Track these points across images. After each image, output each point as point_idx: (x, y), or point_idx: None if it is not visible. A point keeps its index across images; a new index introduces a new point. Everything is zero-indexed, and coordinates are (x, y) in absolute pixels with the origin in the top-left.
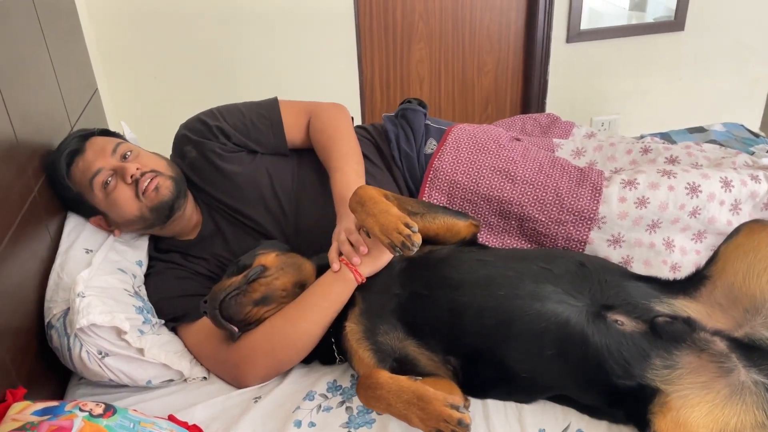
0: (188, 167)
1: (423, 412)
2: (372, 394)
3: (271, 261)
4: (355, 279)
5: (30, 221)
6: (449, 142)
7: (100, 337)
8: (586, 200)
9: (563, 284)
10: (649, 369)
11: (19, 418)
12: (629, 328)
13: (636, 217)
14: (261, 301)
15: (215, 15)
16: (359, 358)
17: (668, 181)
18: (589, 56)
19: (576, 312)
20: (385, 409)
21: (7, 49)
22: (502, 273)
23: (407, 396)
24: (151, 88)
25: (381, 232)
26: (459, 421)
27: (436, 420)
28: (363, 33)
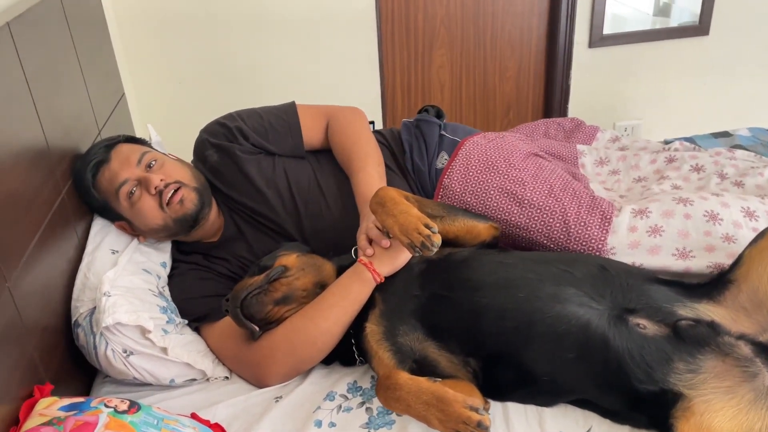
0: (209, 171)
1: (442, 413)
2: (391, 395)
3: (292, 262)
4: (373, 279)
5: (58, 222)
6: (459, 158)
7: (125, 336)
8: (595, 229)
9: (584, 287)
10: (671, 373)
11: (47, 413)
12: (651, 331)
13: (651, 247)
14: (282, 300)
15: (239, 21)
16: (379, 359)
17: (684, 209)
18: (612, 61)
19: (597, 315)
20: (405, 410)
21: (39, 55)
22: (522, 275)
23: (426, 397)
24: (175, 92)
25: (401, 232)
26: (479, 423)
27: (456, 422)
28: (384, 38)
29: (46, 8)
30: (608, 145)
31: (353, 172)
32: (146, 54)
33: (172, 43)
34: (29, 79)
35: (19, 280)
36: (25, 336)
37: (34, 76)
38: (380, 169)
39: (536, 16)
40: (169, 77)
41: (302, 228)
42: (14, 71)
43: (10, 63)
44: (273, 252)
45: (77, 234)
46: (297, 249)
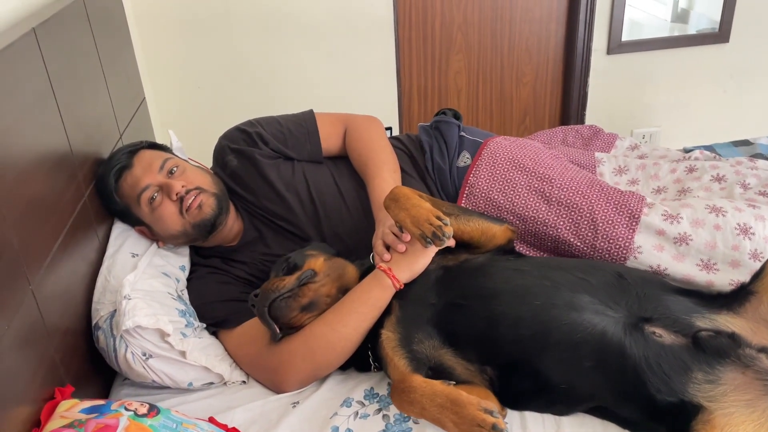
0: (229, 176)
1: (457, 416)
2: (406, 398)
3: (320, 266)
4: (393, 285)
5: (80, 226)
6: (484, 157)
7: (144, 339)
8: (622, 228)
9: (600, 295)
10: (690, 383)
11: (68, 416)
12: (668, 340)
13: (675, 254)
14: (307, 307)
15: (258, 27)
16: (394, 366)
17: (715, 220)
18: (631, 68)
19: (613, 323)
20: (419, 413)
21: (63, 60)
22: (539, 282)
23: (441, 400)
24: (194, 97)
25: (412, 224)
26: (493, 425)
27: (470, 424)
28: (402, 44)
29: (71, 14)
30: (627, 153)
31: (369, 178)
32: (166, 60)
33: (191, 49)
34: (53, 83)
35: (42, 283)
36: (46, 338)
37: (58, 81)
38: (396, 176)
39: (554, 22)
40: (188, 83)
41: (322, 231)
42: (39, 75)
43: (35, 67)
44: (301, 249)
45: (98, 237)
46: (324, 251)
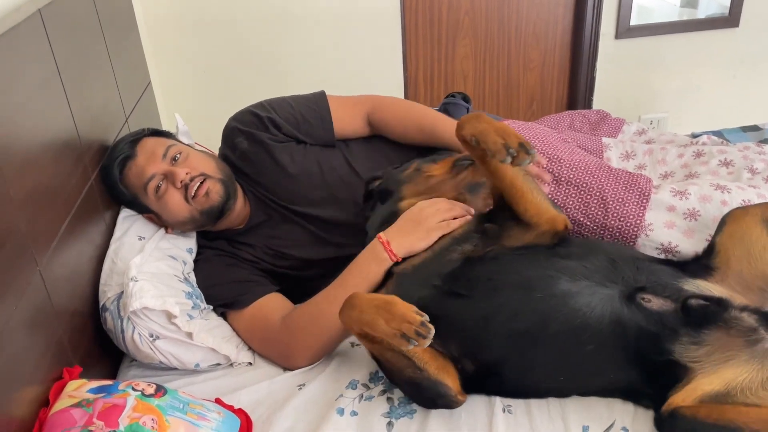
0: (239, 158)
1: (389, 313)
2: (348, 303)
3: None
4: (389, 258)
5: (87, 209)
6: None
7: (151, 320)
8: (633, 206)
9: (596, 277)
10: (677, 344)
11: (76, 395)
12: (657, 305)
13: (686, 229)
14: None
15: (263, 10)
16: None
17: (721, 196)
18: (639, 53)
19: (609, 299)
20: (357, 317)
21: (69, 43)
22: (543, 274)
23: (377, 302)
24: (200, 81)
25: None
26: (422, 323)
27: (400, 320)
28: (408, 28)
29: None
30: (634, 138)
31: (432, 127)
32: (171, 44)
33: (197, 33)
34: (59, 65)
35: (50, 265)
36: (54, 319)
37: (64, 63)
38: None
39: (562, 6)
40: (194, 67)
41: (336, 214)
42: (45, 58)
43: (41, 49)
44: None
45: (105, 221)
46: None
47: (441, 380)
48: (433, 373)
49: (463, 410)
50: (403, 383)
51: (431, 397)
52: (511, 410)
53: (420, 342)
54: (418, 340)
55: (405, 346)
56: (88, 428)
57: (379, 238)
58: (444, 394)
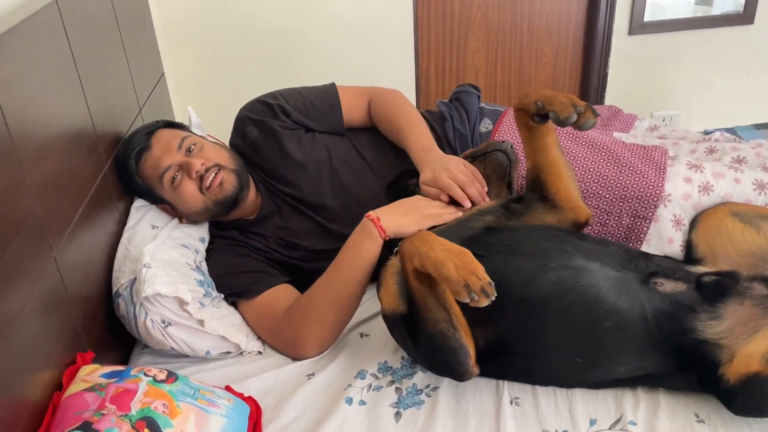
0: (249, 147)
1: (461, 261)
2: (419, 237)
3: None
4: (379, 234)
5: (100, 197)
6: (506, 122)
7: (164, 307)
8: (652, 176)
9: (611, 263)
10: (696, 321)
11: (89, 380)
12: (671, 287)
13: (696, 203)
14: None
15: (277, 5)
16: (386, 288)
17: (734, 174)
18: (652, 49)
19: (624, 280)
20: (425, 252)
21: (85, 32)
22: (559, 246)
23: (450, 247)
24: (212, 73)
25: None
26: (489, 282)
27: (469, 272)
28: (420, 22)
29: None
30: (646, 134)
31: (403, 131)
32: (184, 35)
33: (209, 25)
34: (75, 55)
35: (64, 251)
36: (68, 304)
37: (80, 53)
38: (426, 128)
39: (575, 1)
40: (206, 59)
41: (345, 201)
42: (62, 47)
43: (58, 39)
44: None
45: (118, 210)
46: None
47: (466, 346)
48: (463, 336)
49: (470, 401)
50: (428, 337)
51: (449, 361)
52: (519, 402)
53: (480, 299)
54: (480, 296)
55: (464, 297)
56: (100, 412)
57: (368, 215)
58: (463, 361)
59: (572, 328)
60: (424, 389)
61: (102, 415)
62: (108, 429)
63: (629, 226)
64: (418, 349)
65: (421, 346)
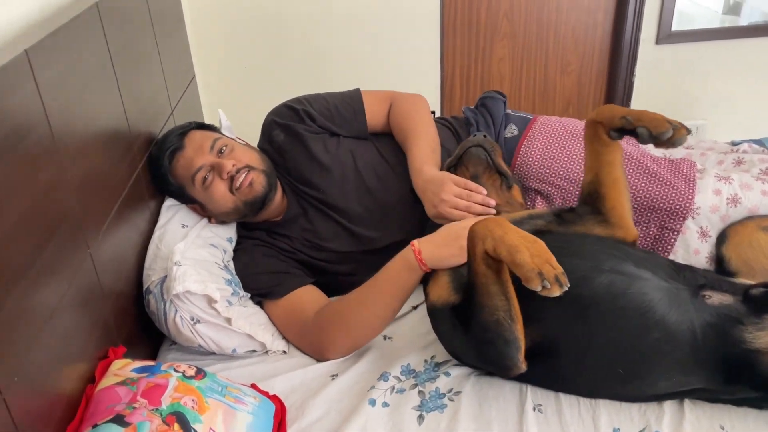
0: (276, 151)
1: (536, 249)
2: (494, 221)
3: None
4: (419, 267)
5: (133, 196)
6: (536, 128)
7: (193, 304)
8: (682, 188)
9: (660, 273)
10: (745, 332)
11: (121, 374)
12: (717, 300)
13: (724, 215)
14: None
15: (305, 9)
16: (437, 280)
17: (762, 186)
18: (680, 59)
19: (675, 292)
20: (499, 236)
21: (123, 35)
22: (608, 252)
23: (525, 234)
24: (240, 77)
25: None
26: (563, 272)
27: (543, 261)
28: (447, 29)
29: None
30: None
31: (408, 147)
32: (214, 39)
33: (238, 29)
34: (113, 57)
35: (99, 248)
36: (102, 300)
37: (117, 55)
38: (435, 146)
39: (602, 10)
40: (235, 63)
41: (367, 203)
42: (101, 49)
43: (97, 41)
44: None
45: (149, 208)
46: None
47: (519, 340)
48: (518, 329)
49: (493, 406)
50: (483, 325)
51: (499, 353)
52: (542, 409)
53: (552, 288)
54: (553, 285)
55: (536, 284)
56: (132, 405)
57: (413, 245)
58: (513, 355)
59: (619, 335)
60: (447, 393)
61: (134, 409)
62: (140, 422)
63: (656, 237)
64: (468, 338)
65: (472, 335)
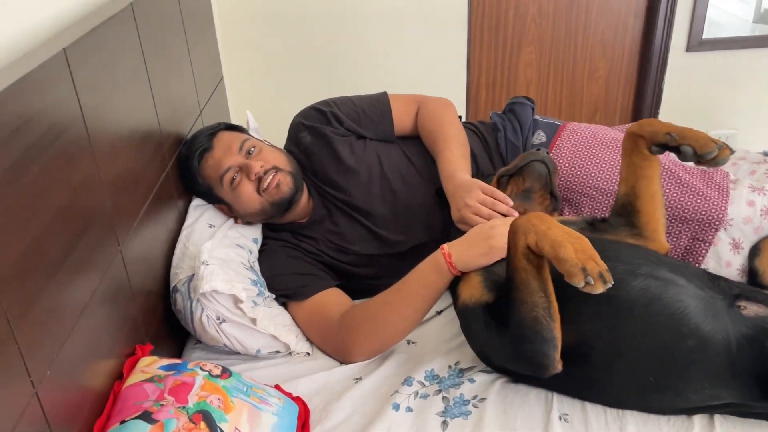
0: (302, 153)
1: (580, 245)
2: (537, 217)
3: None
4: (449, 270)
5: (163, 196)
6: (565, 136)
7: (219, 304)
8: (715, 198)
9: (696, 281)
10: None
11: (148, 371)
12: (752, 311)
13: (757, 226)
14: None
15: (332, 12)
16: (468, 280)
17: None
18: (710, 67)
19: (711, 301)
20: (543, 231)
21: (156, 36)
22: (644, 256)
23: (569, 230)
24: (268, 79)
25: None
26: (607, 269)
27: (588, 257)
28: (474, 33)
29: None
30: None
31: (437, 153)
32: (242, 42)
33: (266, 31)
34: (146, 58)
35: (129, 245)
36: (131, 297)
37: (150, 56)
38: (464, 150)
39: (632, 16)
40: (262, 65)
41: (394, 207)
42: (134, 50)
43: (131, 42)
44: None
45: (178, 208)
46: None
47: (557, 339)
48: (556, 328)
49: (518, 414)
50: (521, 322)
51: (537, 351)
52: (568, 418)
53: (596, 285)
54: (597, 282)
55: (579, 280)
56: (159, 402)
57: (442, 248)
58: (551, 354)
59: (653, 341)
60: (472, 400)
61: (161, 406)
62: (167, 420)
63: (687, 248)
64: (503, 336)
65: (508, 333)
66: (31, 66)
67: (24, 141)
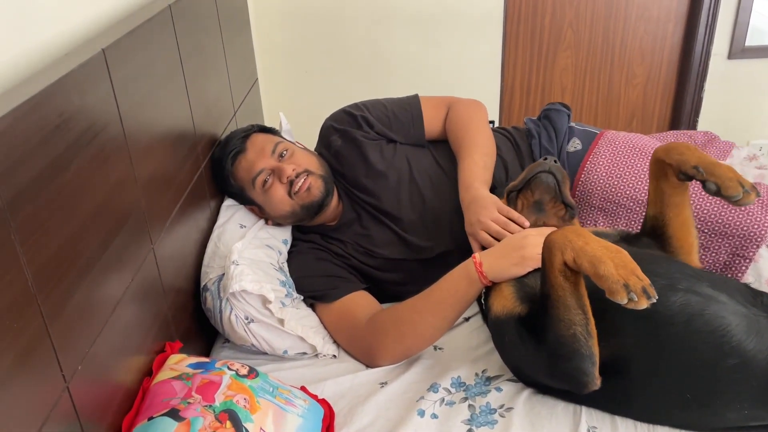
0: (333, 156)
1: (620, 260)
2: (573, 231)
3: None
4: (479, 279)
5: (195, 195)
6: (602, 145)
7: (248, 304)
8: (758, 214)
9: (737, 296)
10: None
11: (177, 368)
12: None
13: None
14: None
15: (367, 16)
16: (499, 291)
17: None
18: (753, 75)
19: (754, 318)
20: (580, 246)
21: (192, 37)
22: (683, 270)
23: (607, 244)
24: (302, 81)
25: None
26: (650, 284)
27: (629, 272)
28: (509, 37)
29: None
30: (744, 163)
31: (460, 159)
32: (277, 44)
33: (300, 33)
34: (183, 59)
35: (162, 243)
36: (162, 295)
37: (187, 57)
38: (488, 160)
39: (672, 22)
40: (296, 67)
41: (421, 211)
42: (171, 51)
43: (169, 43)
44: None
45: (210, 207)
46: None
47: (595, 356)
48: (594, 344)
49: (545, 426)
50: (558, 339)
51: (575, 368)
52: (596, 431)
53: (640, 301)
54: (640, 297)
55: (622, 297)
56: (187, 400)
57: (474, 257)
58: (590, 371)
59: (692, 358)
60: (498, 409)
61: (188, 404)
62: (194, 418)
63: (726, 264)
64: (539, 351)
65: (545, 349)
66: (72, 66)
67: (64, 139)
